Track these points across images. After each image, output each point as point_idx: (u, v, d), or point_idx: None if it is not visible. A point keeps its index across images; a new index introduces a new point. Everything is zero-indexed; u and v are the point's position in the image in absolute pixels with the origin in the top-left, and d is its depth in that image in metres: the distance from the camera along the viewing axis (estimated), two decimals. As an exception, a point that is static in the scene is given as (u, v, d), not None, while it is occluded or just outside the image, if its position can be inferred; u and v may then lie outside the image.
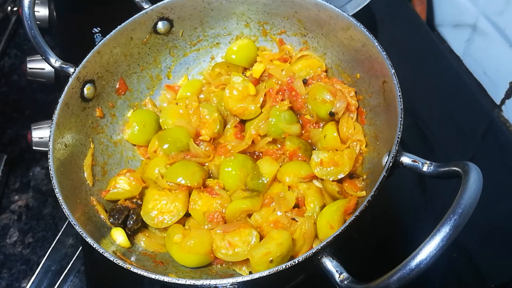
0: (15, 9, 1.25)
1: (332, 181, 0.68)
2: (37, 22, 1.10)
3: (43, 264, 0.90)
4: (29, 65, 1.07)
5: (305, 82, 0.79)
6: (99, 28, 1.07)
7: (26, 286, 0.88)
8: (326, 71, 0.81)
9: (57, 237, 0.92)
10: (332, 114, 0.73)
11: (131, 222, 0.69)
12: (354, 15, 0.72)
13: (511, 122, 0.96)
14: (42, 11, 1.16)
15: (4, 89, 1.20)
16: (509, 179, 0.82)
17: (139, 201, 0.72)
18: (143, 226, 0.71)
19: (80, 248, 0.89)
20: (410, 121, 0.91)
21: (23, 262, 0.93)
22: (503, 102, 0.97)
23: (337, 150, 0.71)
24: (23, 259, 0.93)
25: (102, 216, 0.70)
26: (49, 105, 1.15)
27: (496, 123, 0.91)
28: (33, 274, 0.89)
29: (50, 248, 0.91)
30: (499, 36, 0.92)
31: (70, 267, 0.89)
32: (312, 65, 0.80)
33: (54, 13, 1.16)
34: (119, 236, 0.67)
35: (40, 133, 0.97)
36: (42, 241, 0.95)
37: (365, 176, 0.69)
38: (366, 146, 0.72)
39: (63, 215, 0.62)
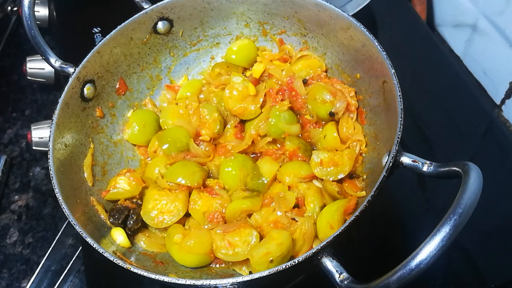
0: (15, 9, 1.25)
1: (332, 181, 0.68)
2: (37, 22, 1.11)
3: (43, 264, 0.90)
4: (29, 65, 1.07)
5: (305, 82, 0.79)
6: (99, 28, 1.07)
7: (26, 286, 0.88)
8: (326, 71, 0.81)
9: (57, 237, 0.92)
10: (332, 114, 0.73)
11: (131, 222, 0.69)
12: (354, 15, 0.72)
13: (511, 122, 0.96)
14: (42, 11, 1.16)
15: (4, 89, 1.20)
16: (509, 179, 0.82)
17: (139, 201, 0.72)
18: (143, 226, 0.71)
19: (80, 248, 0.89)
20: (410, 121, 0.91)
21: (23, 262, 0.93)
22: (503, 102, 0.97)
23: (337, 150, 0.71)
24: (23, 259, 0.93)
25: (102, 216, 0.70)
26: (49, 105, 1.15)
27: (496, 123, 0.91)
28: (33, 274, 0.89)
29: (50, 248, 0.91)
30: (499, 36, 0.92)
31: (70, 267, 0.89)
32: (312, 65, 0.80)
33: (54, 13, 1.16)
34: (119, 236, 0.67)
35: (40, 133, 0.97)
36: (42, 241, 0.95)
37: (365, 176, 0.69)
38: (366, 146, 0.72)
39: (63, 215, 0.62)
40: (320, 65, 0.80)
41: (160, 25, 0.81)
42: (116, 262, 0.57)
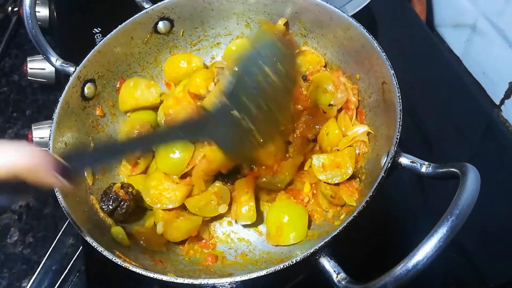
0: (15, 9, 1.25)
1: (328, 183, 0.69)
2: (38, 22, 1.10)
3: (43, 263, 0.90)
4: (30, 65, 1.07)
5: (304, 78, 0.79)
6: (99, 29, 1.07)
7: (26, 286, 0.88)
8: (325, 66, 0.81)
9: (58, 237, 0.92)
10: (330, 106, 0.73)
11: (119, 212, 0.69)
12: (353, 16, 0.72)
13: (511, 122, 0.96)
14: (43, 11, 1.16)
15: (4, 89, 1.20)
16: (509, 179, 0.82)
17: (133, 192, 0.72)
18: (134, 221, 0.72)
19: (81, 247, 0.90)
20: (409, 121, 0.91)
21: (23, 261, 0.93)
22: (502, 102, 0.97)
23: (338, 150, 0.72)
24: (24, 258, 0.93)
25: (101, 215, 0.70)
26: (49, 105, 1.15)
27: (496, 123, 0.91)
28: (34, 273, 0.89)
29: (51, 248, 0.91)
30: (499, 37, 0.92)
31: (70, 266, 0.89)
32: (311, 60, 0.80)
33: (55, 14, 1.16)
34: (118, 235, 0.67)
35: (40, 133, 0.97)
36: (43, 240, 0.95)
37: (363, 177, 0.69)
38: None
39: (64, 215, 0.62)
40: (319, 61, 0.80)
41: (161, 25, 0.81)
42: (115, 260, 0.57)
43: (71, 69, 0.74)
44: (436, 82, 0.97)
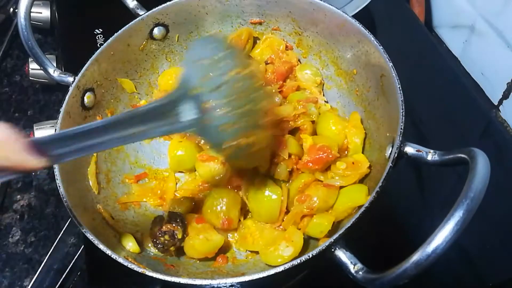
0: (17, 10, 1.25)
1: None
2: (39, 23, 1.10)
3: (45, 263, 0.90)
4: (31, 66, 1.08)
5: (267, 63, 0.81)
6: (101, 30, 1.07)
7: (28, 285, 0.89)
8: (286, 47, 0.83)
9: (59, 236, 0.93)
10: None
11: (170, 244, 0.68)
12: (352, 17, 0.73)
13: (509, 122, 0.97)
14: (45, 13, 1.17)
15: (6, 89, 1.21)
16: (507, 178, 0.82)
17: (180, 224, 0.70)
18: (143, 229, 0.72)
19: (82, 247, 0.90)
20: (408, 121, 0.91)
21: (25, 261, 0.94)
22: (500, 102, 0.98)
23: None
24: (25, 258, 0.94)
25: (110, 222, 0.70)
26: (51, 106, 1.16)
27: (494, 123, 0.91)
28: (35, 273, 0.90)
29: (52, 247, 0.92)
30: (497, 37, 0.93)
31: (72, 266, 0.90)
32: (271, 45, 0.82)
33: (56, 15, 1.16)
34: (128, 242, 0.68)
35: (42, 133, 0.98)
36: (44, 240, 0.96)
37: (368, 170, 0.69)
38: (367, 138, 0.73)
39: (65, 214, 0.63)
40: (279, 43, 0.82)
41: (156, 31, 0.81)
42: (130, 267, 0.57)
43: (70, 79, 0.74)
44: (434, 82, 0.97)
